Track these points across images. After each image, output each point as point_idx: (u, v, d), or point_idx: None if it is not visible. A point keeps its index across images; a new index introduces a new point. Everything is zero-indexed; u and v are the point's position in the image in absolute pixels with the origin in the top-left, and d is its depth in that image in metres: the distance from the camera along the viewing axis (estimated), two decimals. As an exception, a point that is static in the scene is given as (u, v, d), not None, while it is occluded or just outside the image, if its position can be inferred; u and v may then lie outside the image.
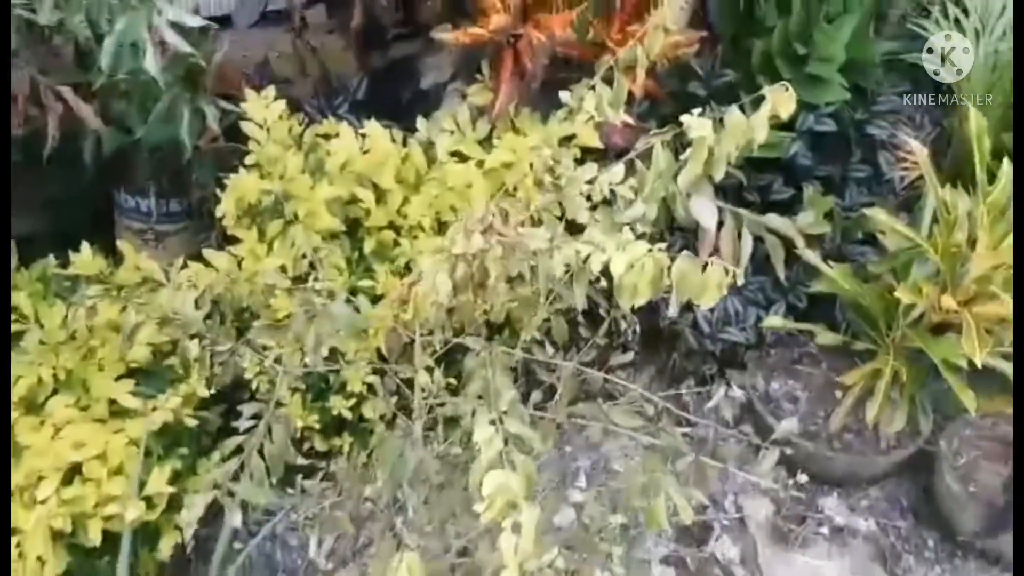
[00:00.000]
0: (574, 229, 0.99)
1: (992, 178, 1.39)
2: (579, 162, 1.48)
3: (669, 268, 0.77)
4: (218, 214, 1.46)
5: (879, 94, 2.01)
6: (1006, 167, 1.36)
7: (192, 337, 0.95)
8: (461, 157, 1.45)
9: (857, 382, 1.45)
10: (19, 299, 1.34)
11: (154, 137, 1.62)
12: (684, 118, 0.88)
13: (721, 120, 2.00)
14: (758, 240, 1.93)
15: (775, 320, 1.57)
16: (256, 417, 0.83)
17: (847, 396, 1.47)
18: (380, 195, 1.38)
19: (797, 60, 1.87)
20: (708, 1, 1.69)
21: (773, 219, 1.84)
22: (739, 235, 1.91)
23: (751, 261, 2.06)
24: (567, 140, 1.40)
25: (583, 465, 1.78)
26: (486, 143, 1.43)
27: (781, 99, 0.85)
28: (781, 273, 1.73)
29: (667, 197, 1.00)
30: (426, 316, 0.85)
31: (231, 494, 0.78)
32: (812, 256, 1.50)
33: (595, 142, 1.37)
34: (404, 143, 1.56)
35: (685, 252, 0.80)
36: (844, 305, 1.76)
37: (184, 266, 1.40)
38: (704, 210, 1.93)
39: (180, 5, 1.36)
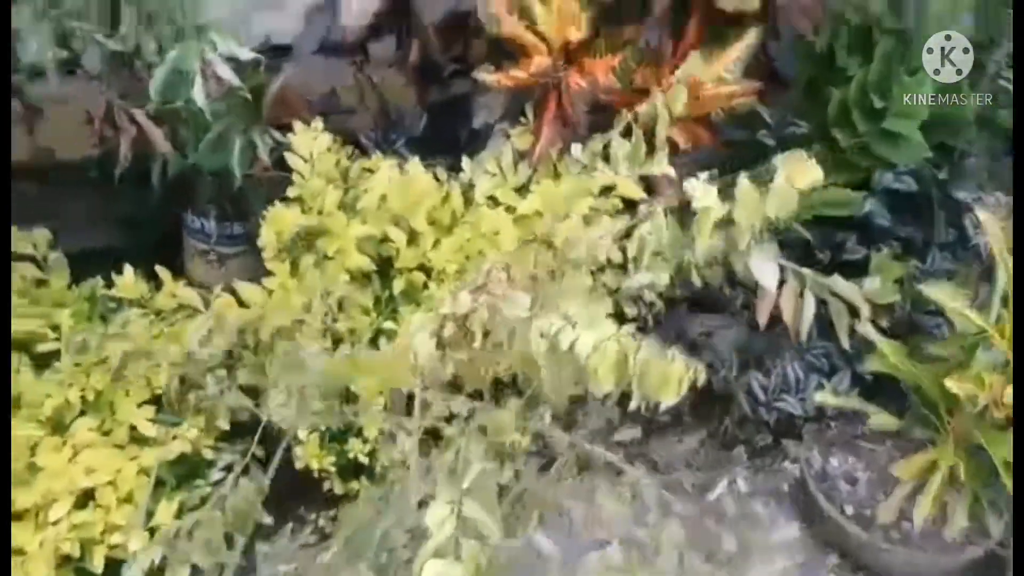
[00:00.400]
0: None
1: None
2: (620, 213, 1.42)
3: (636, 353, 0.70)
4: (259, 244, 1.47)
5: (968, 154, 1.87)
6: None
7: (182, 381, 0.94)
8: (496, 201, 1.42)
9: (912, 473, 1.31)
10: (61, 317, 1.38)
11: (207, 164, 1.66)
12: (687, 184, 0.81)
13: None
14: (822, 303, 1.81)
15: (828, 396, 1.46)
16: (228, 469, 0.80)
17: (900, 488, 1.34)
18: (412, 236, 1.36)
19: (874, 114, 1.75)
20: (770, 47, 1.60)
21: (838, 282, 1.72)
22: (802, 296, 1.80)
23: (816, 325, 1.94)
24: (607, 190, 1.34)
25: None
26: (524, 189, 1.39)
27: (798, 168, 0.77)
28: (845, 341, 1.61)
29: (683, 264, 0.93)
30: (415, 374, 0.81)
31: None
32: (869, 329, 1.38)
33: (637, 193, 1.31)
34: (449, 182, 1.54)
35: (650, 339, 0.73)
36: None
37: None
38: (764, 268, 1.82)
39: (238, 36, 1.39)
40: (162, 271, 1.42)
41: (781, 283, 1.82)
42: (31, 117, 1.95)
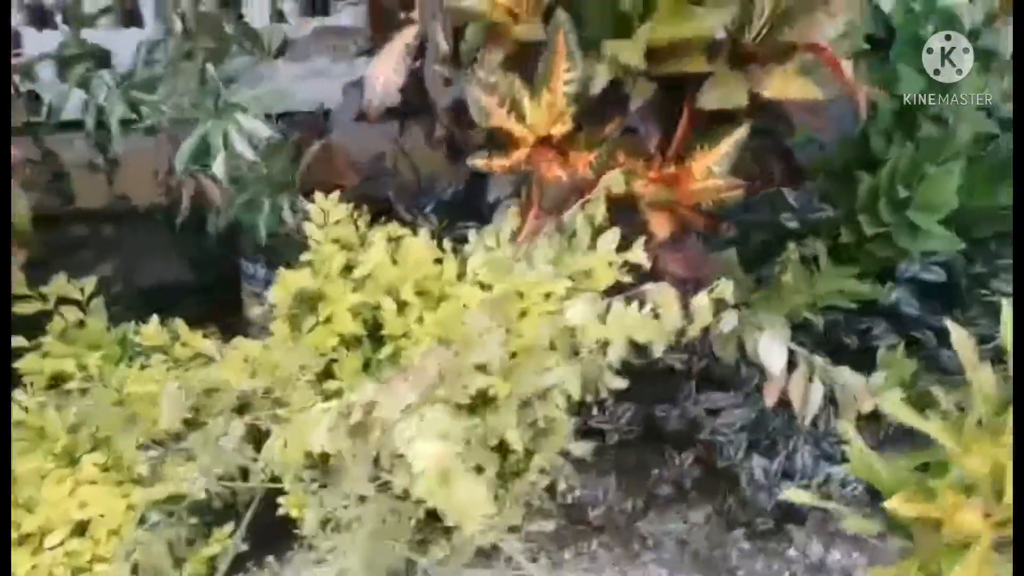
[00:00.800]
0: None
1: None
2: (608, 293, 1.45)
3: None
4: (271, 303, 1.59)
5: (1001, 253, 1.80)
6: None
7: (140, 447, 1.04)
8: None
9: (881, 582, 1.26)
10: (92, 359, 1.53)
11: (244, 221, 1.82)
12: (566, 305, 0.85)
13: (807, 259, 1.85)
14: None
15: (798, 493, 1.42)
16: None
17: (871, 595, 1.29)
18: (403, 305, 1.44)
19: (899, 204, 1.71)
20: (783, 140, 1.60)
21: (844, 374, 1.69)
22: (811, 381, 1.78)
23: (833, 409, 1.90)
24: (586, 275, 1.38)
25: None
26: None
27: (663, 298, 0.80)
28: (850, 433, 1.59)
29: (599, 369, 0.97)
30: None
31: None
32: (850, 430, 1.35)
33: (609, 277, 1.34)
34: (455, 253, 1.62)
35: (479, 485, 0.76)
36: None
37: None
38: (772, 352, 1.82)
39: (273, 109, 1.53)
40: (180, 323, 1.55)
41: (794, 366, 1.81)
42: (111, 168, 2.18)
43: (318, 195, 1.66)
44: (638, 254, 1.31)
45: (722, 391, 1.87)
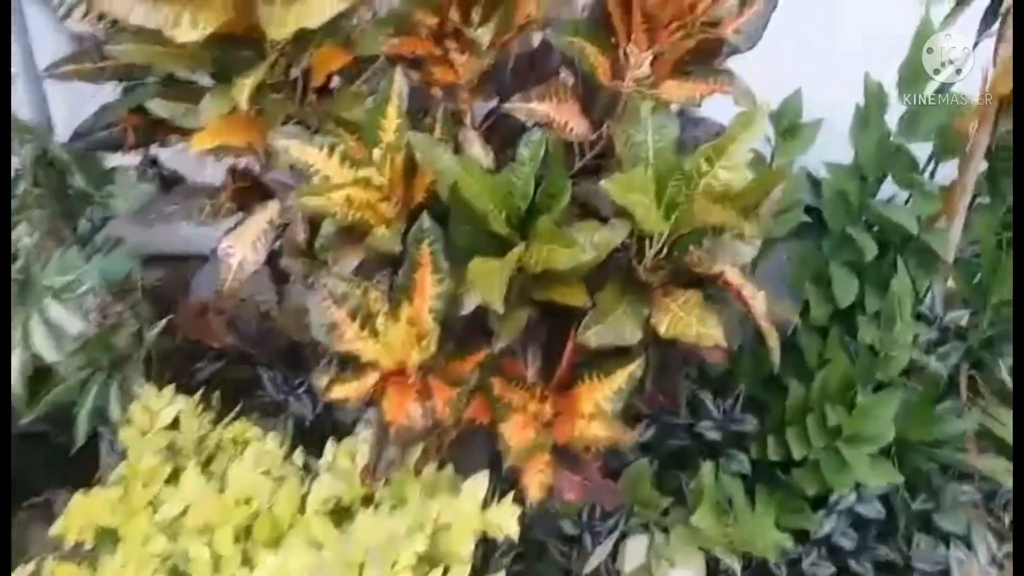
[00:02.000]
0: None
1: None
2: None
3: None
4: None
5: (942, 488, 1.58)
6: None
7: None
8: (342, 513, 1.21)
9: None
10: None
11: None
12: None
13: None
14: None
15: None
16: None
17: None
18: (219, 557, 1.17)
19: (829, 431, 1.50)
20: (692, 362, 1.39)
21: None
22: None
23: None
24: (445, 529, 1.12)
25: None
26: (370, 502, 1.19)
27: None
28: None
29: None
30: None
31: None
32: None
33: (469, 542, 1.09)
34: (306, 468, 1.37)
35: None
36: None
37: None
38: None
39: (73, 304, 1.28)
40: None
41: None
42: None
43: (149, 389, 1.40)
44: (506, 515, 1.07)
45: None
